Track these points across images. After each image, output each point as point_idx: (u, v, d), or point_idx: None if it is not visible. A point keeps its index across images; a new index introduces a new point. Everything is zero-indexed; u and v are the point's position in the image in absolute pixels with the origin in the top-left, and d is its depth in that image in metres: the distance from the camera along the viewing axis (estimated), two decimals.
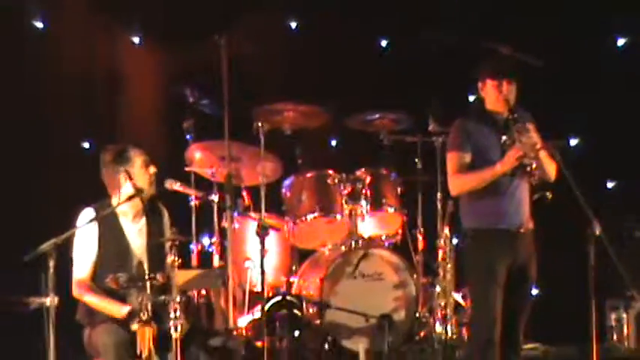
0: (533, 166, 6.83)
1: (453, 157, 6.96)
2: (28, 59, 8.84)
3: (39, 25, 9.04)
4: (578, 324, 7.28)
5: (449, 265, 8.10)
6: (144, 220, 6.91)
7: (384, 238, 8.30)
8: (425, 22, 9.41)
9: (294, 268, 8.27)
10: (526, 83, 6.97)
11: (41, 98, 8.72)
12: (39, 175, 8.57)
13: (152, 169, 6.82)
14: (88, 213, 6.80)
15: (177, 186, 7.59)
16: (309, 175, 8.22)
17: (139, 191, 6.77)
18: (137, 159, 6.80)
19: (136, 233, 6.92)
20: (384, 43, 9.69)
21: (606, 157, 9.35)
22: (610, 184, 9.34)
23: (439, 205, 8.20)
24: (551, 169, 6.91)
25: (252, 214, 8.07)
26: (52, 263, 6.44)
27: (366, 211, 8.18)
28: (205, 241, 8.17)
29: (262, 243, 7.27)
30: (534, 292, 7.44)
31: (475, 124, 7.00)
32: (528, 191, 6.97)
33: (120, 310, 6.68)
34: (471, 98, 8.09)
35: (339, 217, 8.13)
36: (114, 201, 6.82)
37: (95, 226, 6.81)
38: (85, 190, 7.06)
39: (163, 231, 6.97)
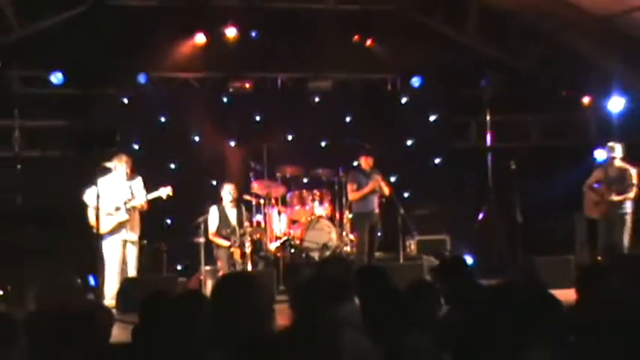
0: (378, 190, 6.92)
1: (350, 186, 7.05)
2: (185, 158, 8.25)
3: (196, 138, 8.46)
4: (396, 245, 7.28)
5: (348, 225, 7.92)
6: (235, 208, 6.98)
7: (324, 215, 8.04)
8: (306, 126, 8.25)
9: (291, 226, 8.06)
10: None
11: (196, 170, 8.17)
12: (193, 196, 7.59)
13: (233, 192, 6.88)
14: (214, 208, 6.86)
15: (248, 197, 7.66)
16: (296, 192, 8.05)
17: (235, 199, 6.89)
18: (226, 187, 6.91)
19: (233, 214, 6.96)
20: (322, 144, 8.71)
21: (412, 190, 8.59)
22: (406, 194, 8.50)
23: (345, 203, 7.95)
24: (386, 191, 6.95)
25: (277, 207, 7.92)
26: (202, 226, 6.63)
27: (318, 205, 8.00)
28: (258, 217, 7.89)
29: (280, 217, 7.42)
30: (380, 234, 7.34)
31: (358, 173, 7.04)
32: (378, 198, 7.00)
33: (225, 243, 6.76)
34: (355, 163, 7.64)
35: (307, 207, 7.97)
36: (224, 201, 6.90)
37: (217, 211, 6.87)
38: (213, 197, 6.98)
39: (243, 213, 6.99)
